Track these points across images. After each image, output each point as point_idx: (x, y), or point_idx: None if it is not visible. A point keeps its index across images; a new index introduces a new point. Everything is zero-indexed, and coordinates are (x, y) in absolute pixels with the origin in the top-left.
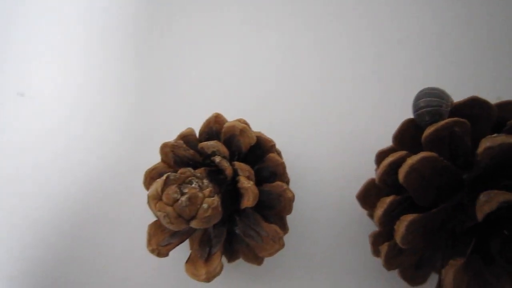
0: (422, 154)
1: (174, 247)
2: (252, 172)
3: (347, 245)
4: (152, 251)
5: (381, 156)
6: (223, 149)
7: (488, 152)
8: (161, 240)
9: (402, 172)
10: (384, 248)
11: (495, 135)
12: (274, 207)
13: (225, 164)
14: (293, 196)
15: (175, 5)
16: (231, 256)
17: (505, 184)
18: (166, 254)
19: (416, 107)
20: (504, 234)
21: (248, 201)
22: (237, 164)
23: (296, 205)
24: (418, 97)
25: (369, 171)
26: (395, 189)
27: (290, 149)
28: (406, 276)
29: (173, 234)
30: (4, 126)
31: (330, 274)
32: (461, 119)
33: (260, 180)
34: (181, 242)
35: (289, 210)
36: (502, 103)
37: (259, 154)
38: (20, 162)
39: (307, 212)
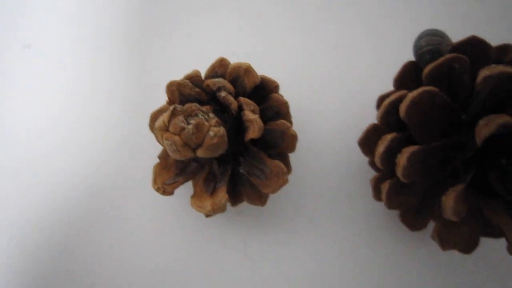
0: (423, 88)
1: (179, 185)
2: (258, 108)
3: (348, 193)
4: (158, 190)
5: (382, 100)
6: (229, 86)
7: (486, 81)
8: (166, 179)
9: (403, 106)
10: (385, 186)
11: (494, 65)
12: (278, 145)
13: (231, 99)
14: (296, 134)
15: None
16: (235, 199)
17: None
18: (172, 192)
19: (417, 47)
20: (502, 164)
21: (254, 133)
22: (242, 99)
23: (298, 153)
24: (419, 37)
25: (370, 120)
26: (396, 130)
27: (293, 97)
28: (407, 220)
29: (178, 173)
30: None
31: (331, 221)
32: (460, 55)
33: (264, 120)
34: (186, 181)
35: (292, 147)
36: (502, 45)
37: (263, 94)
38: (14, 157)
39: (309, 160)
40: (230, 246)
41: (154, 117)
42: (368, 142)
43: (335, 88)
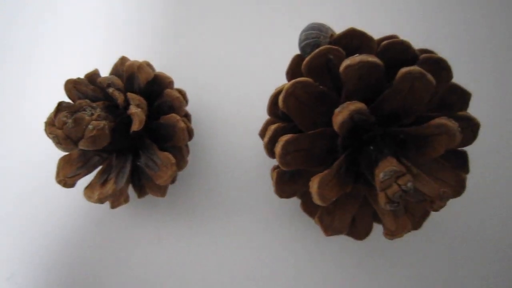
0: (296, 79)
1: (80, 178)
2: (145, 102)
3: (257, 183)
4: (59, 182)
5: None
6: (118, 82)
7: (349, 71)
8: (68, 172)
9: (280, 98)
10: (274, 175)
11: (356, 55)
12: (171, 138)
13: (117, 94)
14: (186, 127)
15: None
16: (140, 191)
17: (373, 106)
18: (73, 185)
19: (299, 41)
20: (370, 150)
21: (135, 125)
22: (129, 94)
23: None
24: (301, 32)
25: None
26: (284, 121)
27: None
28: (306, 208)
29: (80, 166)
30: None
31: (234, 210)
32: (334, 47)
33: (159, 114)
34: (87, 174)
35: (182, 140)
36: (385, 36)
37: (157, 90)
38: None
39: (221, 152)
40: (145, 235)
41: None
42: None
43: (244, 81)
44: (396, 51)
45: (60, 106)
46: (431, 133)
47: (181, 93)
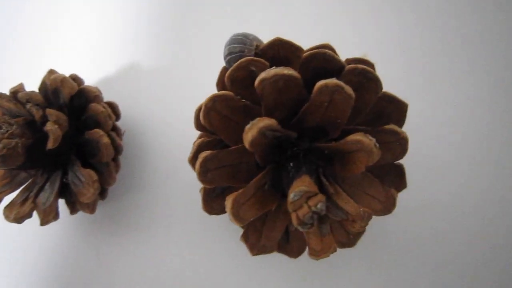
0: (214, 94)
1: (6, 195)
2: (64, 118)
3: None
4: None
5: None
6: (37, 97)
7: (264, 85)
8: None
9: (201, 113)
10: (201, 191)
11: (273, 67)
12: (96, 153)
13: (34, 110)
14: (110, 142)
15: None
16: (72, 208)
17: (294, 121)
18: None
19: (224, 56)
20: (289, 167)
21: (50, 142)
22: (48, 110)
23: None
24: (224, 46)
25: None
26: (212, 135)
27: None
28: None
29: (7, 183)
30: None
31: (174, 225)
32: (256, 58)
33: (84, 129)
34: (13, 190)
35: (107, 155)
36: (314, 47)
37: (83, 104)
38: None
39: (159, 165)
40: (83, 251)
41: None
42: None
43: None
44: (319, 62)
45: None
46: (350, 150)
47: (112, 106)
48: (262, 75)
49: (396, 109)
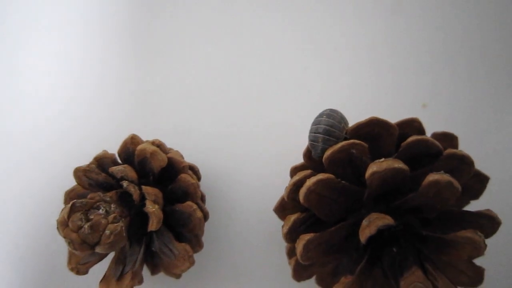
0: (318, 177)
1: (92, 265)
2: (160, 195)
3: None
4: (72, 270)
5: (293, 172)
6: (131, 174)
7: (374, 176)
8: (80, 258)
9: (301, 194)
10: (292, 262)
11: (382, 159)
12: (187, 225)
13: (132, 189)
14: (203, 215)
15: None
16: (153, 269)
17: (396, 204)
18: (86, 272)
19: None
20: (393, 252)
21: (152, 225)
22: (145, 188)
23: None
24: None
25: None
26: (304, 211)
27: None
28: (323, 284)
29: (92, 253)
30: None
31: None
32: (357, 141)
33: (173, 199)
34: (99, 261)
35: (199, 228)
36: (403, 121)
37: (172, 175)
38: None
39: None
40: None
41: (68, 197)
42: (283, 209)
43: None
44: (420, 148)
45: (74, 206)
46: (456, 241)
47: (194, 170)
48: (374, 168)
49: (478, 182)
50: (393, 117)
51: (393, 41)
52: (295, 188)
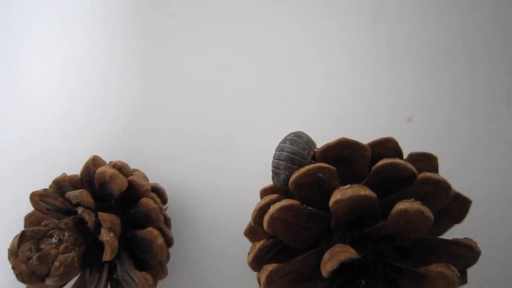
0: (282, 203)
1: None
2: (117, 221)
3: (241, 283)
4: None
5: (263, 194)
6: (88, 199)
7: (339, 205)
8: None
9: (265, 221)
10: None
11: (348, 186)
12: (148, 252)
13: (87, 216)
14: (164, 242)
15: None
16: None
17: (365, 232)
18: None
19: (278, 157)
20: (361, 284)
21: (106, 255)
22: (101, 214)
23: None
24: (281, 149)
25: None
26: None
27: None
28: None
29: (45, 285)
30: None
31: None
32: (324, 165)
33: (135, 224)
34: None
35: (161, 255)
36: (377, 141)
37: (134, 198)
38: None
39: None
40: None
41: (28, 221)
42: (252, 234)
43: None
44: (391, 172)
45: (23, 236)
46: (428, 275)
47: (159, 192)
48: (338, 195)
49: (459, 206)
50: (378, 133)
51: (376, 55)
52: (260, 213)
